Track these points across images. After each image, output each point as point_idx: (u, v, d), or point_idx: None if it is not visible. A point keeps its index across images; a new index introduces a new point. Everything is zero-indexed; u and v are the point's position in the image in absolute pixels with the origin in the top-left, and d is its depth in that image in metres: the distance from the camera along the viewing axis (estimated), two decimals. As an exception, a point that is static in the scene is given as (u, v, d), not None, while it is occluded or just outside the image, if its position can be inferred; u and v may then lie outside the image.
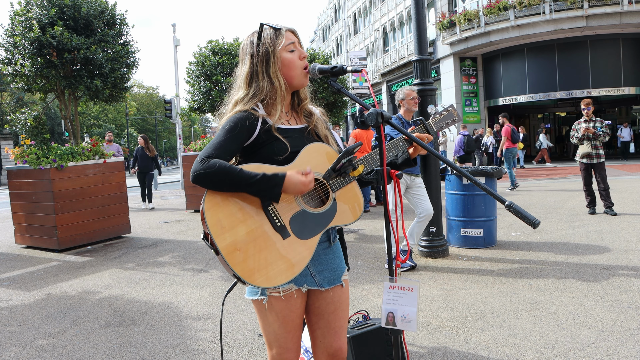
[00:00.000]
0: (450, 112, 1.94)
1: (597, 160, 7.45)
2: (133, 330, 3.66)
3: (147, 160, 11.63)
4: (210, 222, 1.51)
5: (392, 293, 1.59)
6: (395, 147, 1.78)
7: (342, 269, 1.80)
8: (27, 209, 7.20)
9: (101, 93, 8.22)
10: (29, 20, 7.49)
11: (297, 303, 1.69)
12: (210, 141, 1.60)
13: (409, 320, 1.56)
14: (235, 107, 1.68)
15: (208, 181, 1.50)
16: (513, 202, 1.44)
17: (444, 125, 1.94)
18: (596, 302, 3.69)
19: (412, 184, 4.91)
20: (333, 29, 41.00)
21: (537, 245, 5.65)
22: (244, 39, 1.77)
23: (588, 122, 7.53)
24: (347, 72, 1.66)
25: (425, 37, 5.25)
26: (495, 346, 3.03)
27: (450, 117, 1.95)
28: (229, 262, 1.50)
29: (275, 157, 1.63)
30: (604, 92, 19.76)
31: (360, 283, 4.53)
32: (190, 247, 6.70)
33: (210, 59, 12.05)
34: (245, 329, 3.54)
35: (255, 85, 1.68)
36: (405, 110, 4.92)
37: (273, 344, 1.70)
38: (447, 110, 1.95)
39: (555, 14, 17.99)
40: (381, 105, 27.98)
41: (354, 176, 1.66)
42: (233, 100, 1.72)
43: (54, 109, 31.95)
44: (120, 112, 54.41)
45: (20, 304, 4.50)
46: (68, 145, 7.41)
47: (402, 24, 26.73)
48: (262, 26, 1.68)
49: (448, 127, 1.97)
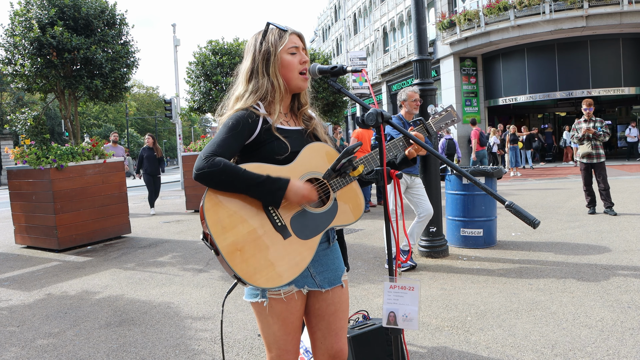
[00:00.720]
0: (449, 112, 1.97)
1: (598, 160, 7.45)
2: (133, 330, 3.66)
3: (155, 161, 10.62)
4: (210, 222, 1.50)
5: (392, 293, 1.58)
6: (395, 147, 1.79)
7: (341, 270, 1.80)
8: (27, 209, 7.20)
9: (101, 93, 8.22)
10: (29, 20, 7.49)
11: (298, 305, 1.69)
12: (213, 139, 1.59)
13: (410, 319, 1.56)
14: (236, 104, 1.69)
15: (211, 179, 1.50)
16: (513, 202, 1.44)
17: (443, 125, 1.96)
18: (596, 302, 3.69)
19: (412, 184, 4.91)
20: (333, 29, 40.99)
21: (537, 245, 5.65)
22: (250, 36, 1.79)
23: (588, 122, 7.54)
24: (347, 72, 1.66)
25: (425, 37, 5.25)
26: (495, 346, 3.03)
27: (450, 117, 1.97)
28: (230, 262, 1.49)
29: (276, 156, 1.62)
30: (604, 92, 19.75)
31: (360, 283, 4.53)
32: (190, 247, 6.70)
33: (210, 59, 12.06)
34: (245, 329, 3.54)
35: (254, 82, 1.69)
36: (407, 112, 4.92)
37: (272, 346, 1.69)
38: (447, 111, 1.97)
39: (555, 14, 17.99)
40: (381, 105, 27.98)
41: (353, 176, 1.66)
42: (234, 96, 1.73)
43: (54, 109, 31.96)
44: (120, 112, 54.42)
45: (20, 304, 4.50)
46: (68, 145, 7.41)
47: (402, 24, 26.72)
48: (269, 25, 1.71)
49: (447, 128, 1.99)
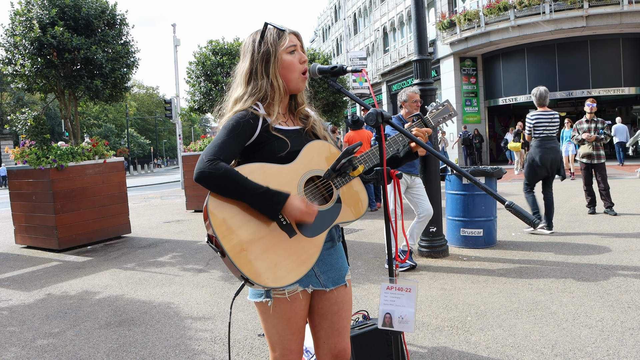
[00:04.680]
0: (446, 107, 1.97)
1: (598, 161, 7.45)
2: (133, 330, 3.66)
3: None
4: (215, 223, 1.50)
5: (389, 294, 1.57)
6: (395, 142, 1.79)
7: (345, 269, 1.80)
8: (27, 209, 7.20)
9: (101, 93, 8.21)
10: (30, 20, 7.49)
11: (302, 304, 1.69)
12: (213, 140, 1.59)
13: (406, 321, 1.54)
14: (235, 106, 1.68)
15: (212, 182, 1.49)
16: (513, 202, 1.44)
17: (440, 120, 1.96)
18: (596, 302, 3.69)
19: (412, 184, 4.91)
20: (333, 29, 40.99)
21: (537, 245, 5.65)
22: (246, 36, 1.76)
23: (590, 123, 7.51)
24: (347, 72, 1.66)
25: (425, 37, 5.25)
26: (495, 346, 3.04)
27: (447, 112, 1.97)
28: (237, 263, 1.48)
29: (277, 155, 1.63)
30: (604, 92, 19.75)
31: (360, 283, 4.53)
32: (190, 247, 6.70)
33: (211, 59, 12.06)
34: (245, 329, 3.54)
35: (253, 83, 1.68)
36: (407, 112, 4.91)
37: (276, 346, 1.69)
38: (443, 105, 1.98)
39: (555, 14, 17.99)
40: (381, 106, 27.99)
41: (353, 176, 1.66)
42: (232, 99, 1.72)
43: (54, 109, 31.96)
44: (120, 112, 54.43)
45: (20, 304, 4.50)
46: (67, 145, 7.41)
47: (402, 24, 26.72)
48: (267, 25, 1.69)
49: (445, 122, 1.99)
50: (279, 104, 1.70)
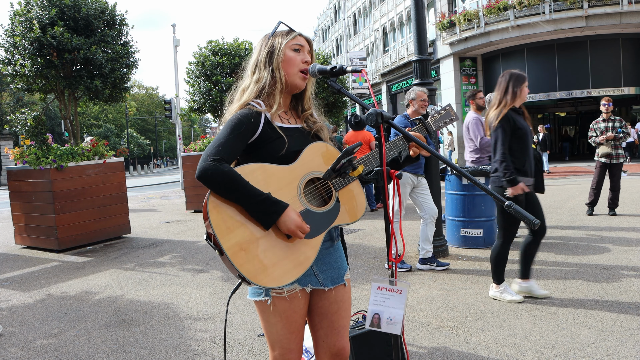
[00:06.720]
0: (447, 111, 1.99)
1: (617, 161, 7.39)
2: (133, 330, 3.66)
3: None
4: (214, 222, 1.51)
5: (379, 294, 1.56)
6: (395, 145, 1.80)
7: (344, 269, 1.80)
8: (27, 209, 7.19)
9: (101, 93, 8.21)
10: (29, 20, 7.49)
11: (301, 303, 1.70)
12: (216, 138, 1.61)
13: (395, 322, 1.52)
14: (243, 95, 1.74)
15: (213, 182, 1.50)
16: (512, 202, 1.44)
17: (442, 124, 1.97)
18: (596, 302, 3.69)
19: (418, 184, 4.90)
20: (333, 29, 41.00)
21: (537, 246, 5.65)
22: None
23: (607, 122, 7.42)
24: (346, 72, 1.67)
25: (425, 37, 5.25)
26: (495, 346, 3.03)
27: (448, 116, 1.98)
28: (234, 262, 1.49)
29: (277, 154, 1.64)
30: (604, 92, 19.74)
31: (360, 283, 4.53)
32: (190, 247, 6.70)
33: (210, 59, 12.06)
34: (245, 329, 3.54)
35: (257, 73, 1.74)
36: (414, 111, 4.90)
37: (276, 345, 1.70)
38: (445, 110, 1.99)
39: (555, 14, 17.99)
40: (381, 106, 27.97)
41: (353, 176, 1.66)
42: (240, 88, 1.79)
43: (54, 109, 31.96)
44: (120, 113, 54.41)
45: (20, 304, 4.50)
46: (67, 145, 7.41)
47: (402, 24, 26.73)
48: (280, 23, 1.78)
49: (446, 126, 2.01)
50: (280, 95, 1.73)
